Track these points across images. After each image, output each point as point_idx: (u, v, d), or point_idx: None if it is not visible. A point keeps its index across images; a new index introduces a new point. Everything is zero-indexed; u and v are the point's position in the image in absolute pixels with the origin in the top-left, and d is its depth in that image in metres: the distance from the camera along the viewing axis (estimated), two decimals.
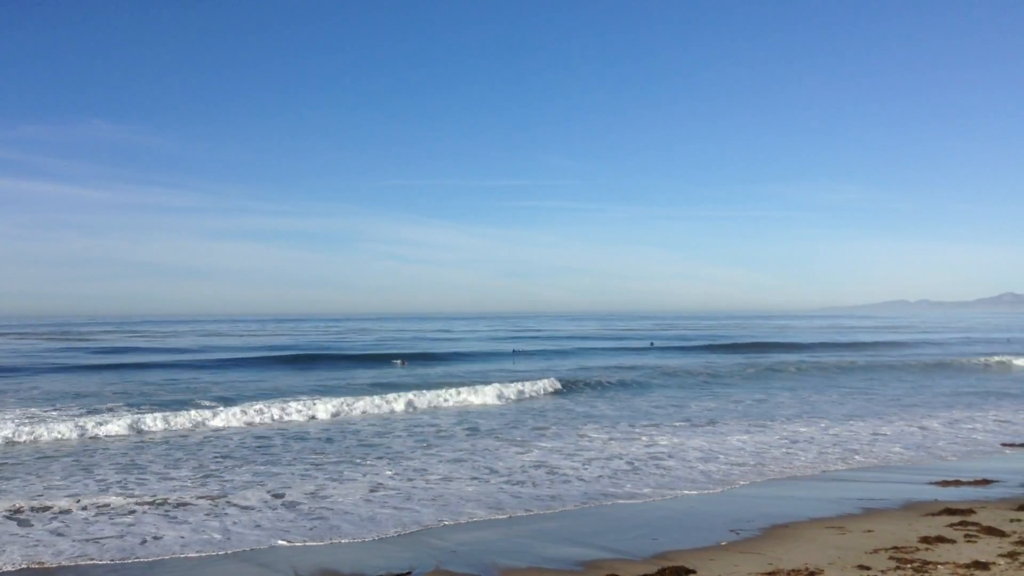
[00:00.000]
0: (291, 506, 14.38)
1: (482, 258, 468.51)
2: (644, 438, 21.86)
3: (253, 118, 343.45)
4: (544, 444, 20.96)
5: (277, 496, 15.12)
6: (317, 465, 18.21)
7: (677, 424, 24.61)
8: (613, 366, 47.33)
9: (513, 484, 16.16)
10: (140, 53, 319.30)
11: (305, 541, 12.26)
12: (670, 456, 19.25)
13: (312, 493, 15.35)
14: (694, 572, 10.25)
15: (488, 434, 22.71)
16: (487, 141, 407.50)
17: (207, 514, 13.81)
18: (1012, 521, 12.56)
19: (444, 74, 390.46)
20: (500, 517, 13.71)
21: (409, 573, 10.56)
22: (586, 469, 17.69)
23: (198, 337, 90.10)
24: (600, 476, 16.97)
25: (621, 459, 18.83)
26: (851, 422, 25.31)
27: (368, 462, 18.56)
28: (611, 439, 21.70)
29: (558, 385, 34.12)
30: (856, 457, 19.40)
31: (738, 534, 12.31)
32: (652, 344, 72.02)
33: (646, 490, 15.70)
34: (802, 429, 23.64)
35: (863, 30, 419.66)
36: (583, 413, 27.29)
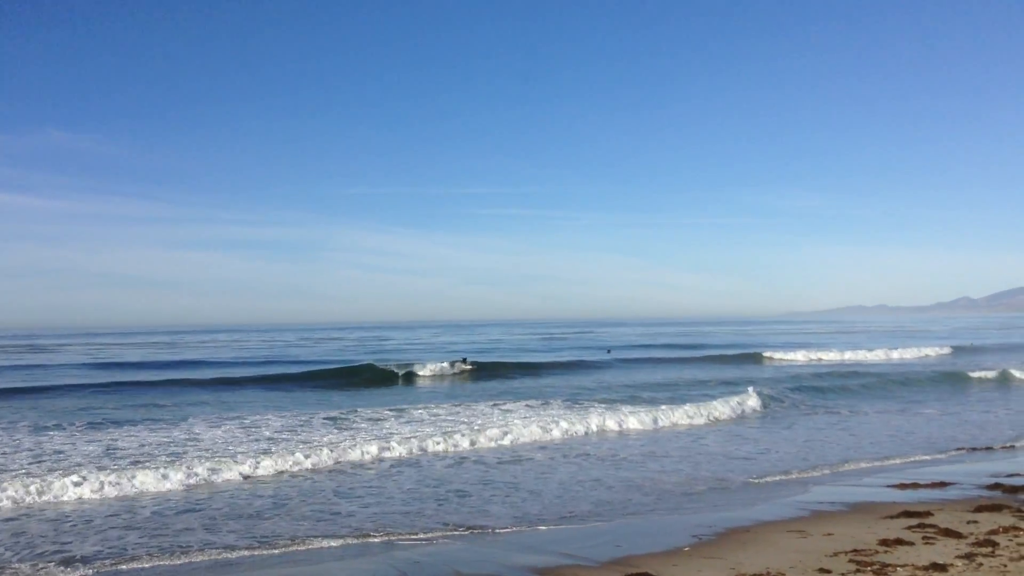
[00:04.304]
0: None
1: (447, 266, 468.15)
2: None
3: (214, 127, 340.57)
4: None
5: None
6: None
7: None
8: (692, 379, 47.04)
9: None
10: (98, 61, 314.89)
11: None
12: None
13: None
14: None
15: None
16: (452, 149, 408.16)
17: None
18: (969, 523, 12.72)
19: (408, 82, 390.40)
20: (465, 534, 13.62)
21: None
22: None
23: (238, 351, 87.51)
24: None
25: None
26: (816, 429, 25.61)
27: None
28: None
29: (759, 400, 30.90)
30: (818, 461, 19.62)
31: (700, 539, 12.35)
32: (609, 351, 72.17)
33: None
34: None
35: (823, 39, 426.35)
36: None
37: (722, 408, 28.36)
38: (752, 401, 30.09)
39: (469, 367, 48.36)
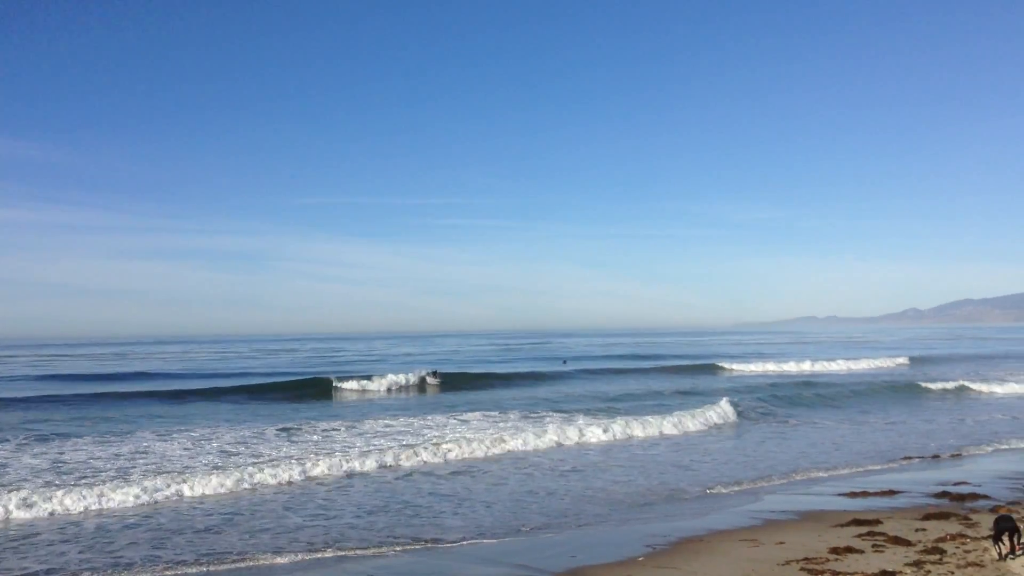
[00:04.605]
0: None
1: (402, 276, 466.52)
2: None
3: (162, 135, 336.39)
4: None
5: None
6: None
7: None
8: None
9: None
10: (43, 67, 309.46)
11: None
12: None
13: None
14: None
15: None
16: (406, 159, 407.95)
17: None
18: (917, 531, 12.89)
19: (361, 92, 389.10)
20: (417, 547, 13.49)
21: None
22: None
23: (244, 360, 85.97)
24: None
25: None
26: (771, 439, 25.86)
27: None
28: None
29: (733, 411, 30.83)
30: (773, 470, 19.78)
31: (654, 548, 12.35)
32: (565, 362, 72.27)
33: None
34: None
35: (776, 55, 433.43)
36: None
37: (675, 420, 28.40)
38: (713, 413, 29.97)
39: (438, 381, 46.96)
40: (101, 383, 50.21)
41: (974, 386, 42.97)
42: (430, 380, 46.86)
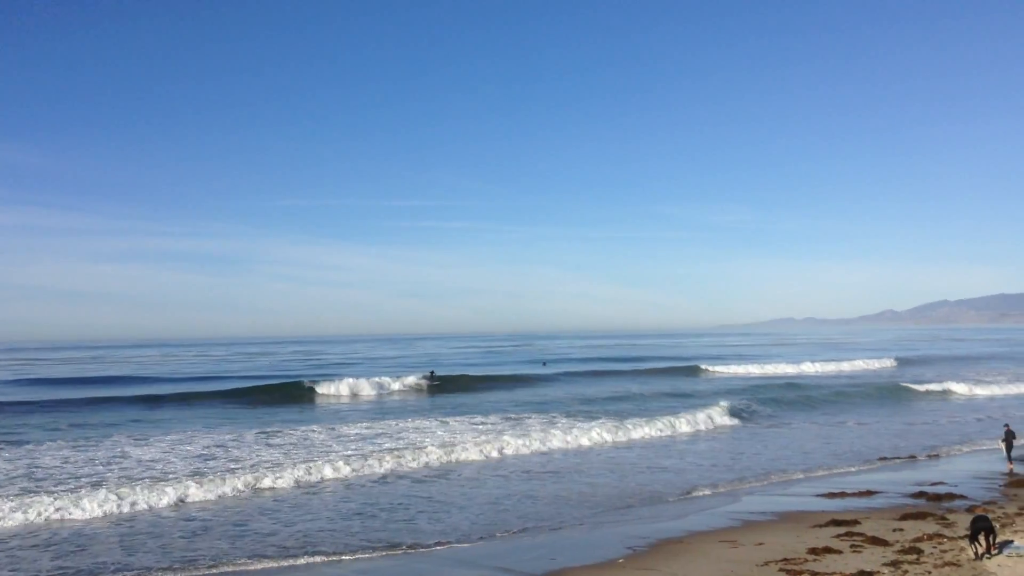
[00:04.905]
0: None
1: (383, 279, 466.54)
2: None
3: (141, 138, 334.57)
4: None
5: None
6: None
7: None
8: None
9: None
10: (20, 70, 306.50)
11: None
12: None
13: None
14: None
15: None
16: (387, 161, 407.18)
17: None
18: (895, 531, 12.94)
19: (341, 93, 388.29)
20: (396, 552, 13.40)
21: None
22: None
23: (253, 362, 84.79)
24: None
25: None
26: (748, 441, 25.91)
27: None
28: None
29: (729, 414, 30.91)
30: (751, 472, 19.83)
31: (634, 550, 12.32)
32: (544, 364, 72.34)
33: None
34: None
35: (750, 59, 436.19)
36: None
37: (663, 422, 28.35)
38: (701, 415, 29.95)
39: (434, 382, 47.35)
40: (77, 387, 49.71)
41: (957, 388, 43.34)
42: (425, 381, 47.35)
